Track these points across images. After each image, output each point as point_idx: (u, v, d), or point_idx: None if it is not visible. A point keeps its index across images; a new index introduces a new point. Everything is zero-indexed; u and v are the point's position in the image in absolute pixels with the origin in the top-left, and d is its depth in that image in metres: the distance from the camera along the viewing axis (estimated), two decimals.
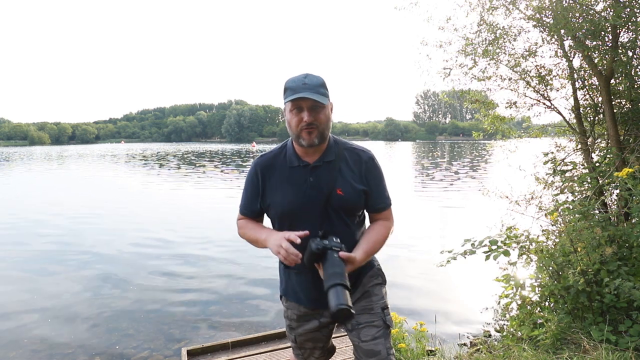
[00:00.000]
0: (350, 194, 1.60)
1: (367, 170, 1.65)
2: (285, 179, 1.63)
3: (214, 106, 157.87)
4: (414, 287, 5.61)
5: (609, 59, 3.57)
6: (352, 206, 1.63)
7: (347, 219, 1.64)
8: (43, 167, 29.76)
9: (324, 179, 1.60)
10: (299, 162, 1.62)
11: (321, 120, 1.55)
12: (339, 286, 1.35)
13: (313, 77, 1.55)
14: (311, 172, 1.61)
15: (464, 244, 3.18)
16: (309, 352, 1.86)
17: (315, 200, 1.58)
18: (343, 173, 1.62)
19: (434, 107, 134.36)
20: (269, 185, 1.65)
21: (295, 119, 1.54)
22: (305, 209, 1.59)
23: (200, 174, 22.02)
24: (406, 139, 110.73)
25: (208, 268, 6.58)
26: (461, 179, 18.40)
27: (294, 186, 1.61)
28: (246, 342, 3.61)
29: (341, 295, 1.33)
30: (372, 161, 1.68)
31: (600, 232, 2.82)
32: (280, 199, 1.62)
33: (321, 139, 1.56)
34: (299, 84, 1.52)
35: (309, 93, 1.49)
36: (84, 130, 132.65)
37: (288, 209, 1.61)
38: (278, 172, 1.65)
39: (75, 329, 4.60)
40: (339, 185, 1.59)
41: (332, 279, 1.38)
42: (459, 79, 4.42)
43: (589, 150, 3.97)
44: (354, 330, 1.70)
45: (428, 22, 4.28)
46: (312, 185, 1.59)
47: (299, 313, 1.77)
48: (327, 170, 1.61)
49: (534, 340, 3.01)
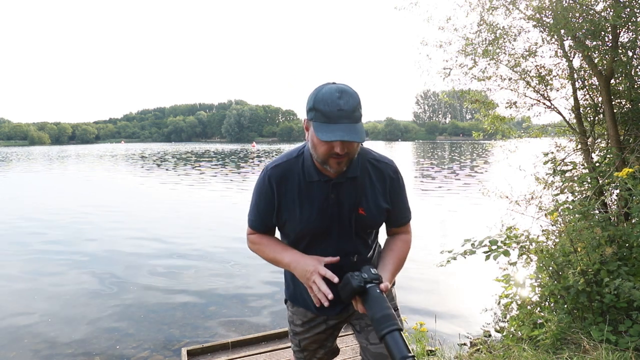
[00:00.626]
0: (372, 214, 1.50)
1: (392, 187, 1.54)
2: (304, 194, 1.47)
3: (214, 106, 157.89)
4: (414, 287, 5.61)
5: (609, 59, 3.57)
6: (374, 225, 1.55)
7: (365, 236, 1.56)
8: (42, 167, 29.75)
9: (347, 197, 1.47)
10: (319, 177, 1.45)
11: (353, 150, 1.36)
12: (395, 332, 1.23)
13: (349, 96, 1.30)
14: (332, 189, 1.45)
15: (464, 244, 3.18)
16: (312, 353, 1.80)
17: (336, 219, 1.47)
18: (366, 191, 1.49)
19: (434, 107, 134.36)
20: (284, 199, 1.49)
21: (324, 147, 1.34)
22: (325, 228, 1.48)
23: (200, 174, 22.02)
24: (406, 139, 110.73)
25: (208, 268, 6.58)
26: (461, 179, 18.40)
27: (314, 203, 1.46)
28: (246, 342, 3.61)
29: (401, 343, 1.20)
30: (396, 176, 1.55)
31: (600, 232, 2.82)
32: (298, 217, 1.47)
33: (349, 164, 1.42)
34: (333, 110, 1.28)
35: (346, 127, 1.28)
36: (84, 130, 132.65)
37: (308, 228, 1.48)
38: (295, 185, 1.48)
39: (75, 329, 4.60)
40: (362, 204, 1.48)
41: (384, 323, 1.24)
42: (459, 79, 4.43)
43: (589, 150, 3.97)
44: (362, 332, 1.64)
45: (428, 22, 4.28)
46: (334, 203, 1.46)
47: (305, 319, 1.70)
48: (350, 187, 1.47)
49: (534, 340, 3.01)
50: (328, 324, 1.71)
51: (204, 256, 7.23)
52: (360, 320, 1.65)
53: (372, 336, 1.61)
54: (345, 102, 1.29)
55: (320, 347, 1.79)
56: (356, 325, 1.68)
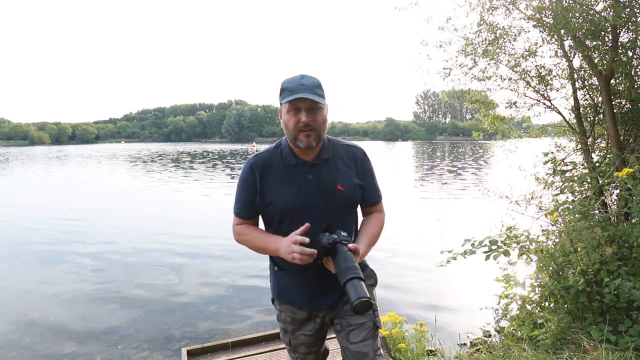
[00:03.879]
0: (350, 189, 1.64)
1: (362, 166, 1.71)
2: (285, 177, 1.62)
3: (214, 106, 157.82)
4: (414, 287, 5.61)
5: (609, 59, 3.57)
6: (352, 200, 1.67)
7: (347, 214, 1.67)
8: (41, 167, 29.73)
9: (324, 176, 1.62)
10: (297, 160, 1.63)
11: (318, 122, 1.56)
12: (355, 279, 1.38)
13: (310, 78, 1.56)
14: (310, 170, 1.62)
15: (464, 244, 3.18)
16: (303, 356, 1.86)
17: (317, 197, 1.60)
18: (341, 169, 1.65)
19: (434, 107, 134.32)
20: (267, 184, 1.63)
21: (292, 120, 1.54)
22: (306, 206, 1.60)
23: (200, 174, 22.02)
24: (406, 139, 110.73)
25: (208, 268, 6.58)
26: (461, 179, 18.40)
27: (294, 184, 1.61)
28: (246, 342, 3.60)
29: (359, 287, 1.36)
30: (365, 157, 1.74)
31: (600, 232, 2.82)
32: (280, 197, 1.61)
33: (318, 140, 1.58)
34: (296, 85, 1.52)
35: (307, 93, 1.50)
36: (84, 130, 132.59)
37: (289, 207, 1.60)
38: (276, 170, 1.63)
39: (76, 329, 4.60)
40: (339, 180, 1.63)
41: (347, 272, 1.39)
42: (459, 79, 4.42)
43: (589, 150, 3.97)
44: (343, 331, 1.70)
45: (428, 22, 4.28)
46: (312, 182, 1.61)
47: (294, 316, 1.76)
48: (325, 167, 1.64)
49: (534, 340, 3.01)
50: (316, 322, 1.75)
51: (204, 256, 7.23)
52: (341, 320, 1.71)
53: (352, 335, 1.67)
54: (306, 80, 1.54)
55: (309, 352, 1.85)
56: (337, 325, 1.73)
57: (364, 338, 1.65)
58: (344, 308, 1.70)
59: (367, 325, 1.67)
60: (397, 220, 9.78)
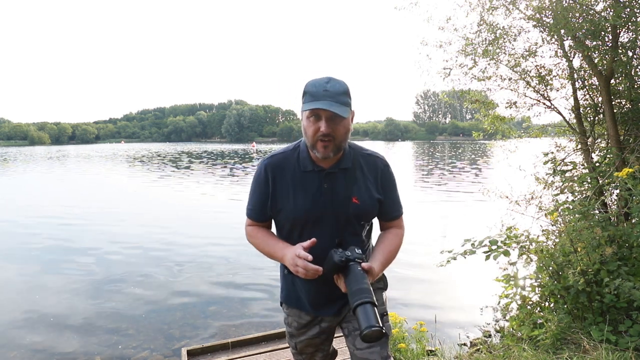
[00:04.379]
0: (366, 203, 1.54)
1: (383, 178, 1.60)
2: (299, 184, 1.53)
3: (214, 106, 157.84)
4: (414, 287, 5.61)
5: (609, 59, 3.57)
6: (367, 215, 1.57)
7: (360, 228, 1.58)
8: (40, 167, 29.74)
9: (340, 186, 1.53)
10: (313, 167, 1.53)
11: (339, 133, 1.45)
12: (367, 304, 1.28)
13: (336, 82, 1.43)
14: (326, 178, 1.52)
15: (464, 244, 3.18)
16: (310, 356, 1.82)
17: (330, 208, 1.51)
18: (359, 181, 1.55)
19: (434, 107, 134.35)
20: (279, 188, 1.55)
21: (312, 128, 1.44)
22: (319, 217, 1.52)
23: (200, 174, 22.02)
24: (406, 139, 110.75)
25: (208, 268, 6.58)
26: (461, 179, 18.39)
27: (307, 192, 1.52)
28: (246, 342, 3.60)
29: (370, 314, 1.26)
30: (387, 169, 1.62)
31: (600, 232, 2.82)
32: (292, 205, 1.53)
33: (337, 151, 1.48)
34: (319, 90, 1.41)
35: (329, 103, 1.38)
36: (84, 130, 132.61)
37: (300, 216, 1.52)
38: (290, 174, 1.54)
39: (76, 328, 4.60)
40: (355, 193, 1.53)
41: (359, 295, 1.30)
42: (459, 79, 4.42)
43: (589, 150, 3.97)
44: (350, 336, 1.65)
45: (428, 22, 4.28)
46: (326, 192, 1.52)
47: (300, 321, 1.72)
48: (342, 177, 1.53)
49: (534, 340, 3.01)
50: (322, 327, 1.72)
51: (204, 256, 7.23)
52: (348, 324, 1.66)
53: (358, 341, 1.60)
54: (332, 86, 1.42)
55: (317, 351, 1.80)
56: (345, 329, 1.68)
57: (371, 344, 1.57)
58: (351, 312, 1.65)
59: None
60: None
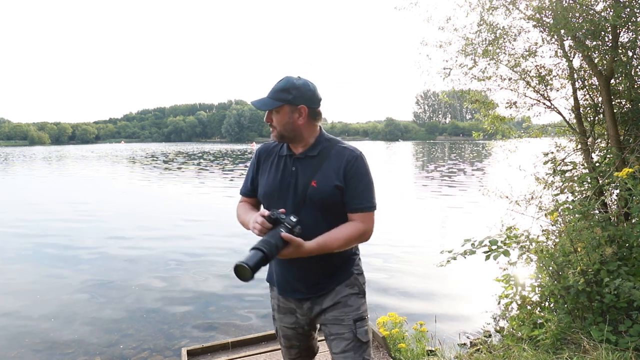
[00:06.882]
0: (323, 187, 1.64)
1: (348, 168, 1.65)
2: (275, 166, 1.75)
3: (214, 106, 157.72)
4: (414, 287, 5.61)
5: (609, 59, 3.57)
6: (325, 199, 1.63)
7: (323, 213, 1.65)
8: (40, 168, 29.74)
9: (304, 170, 1.68)
10: (288, 152, 1.73)
11: (279, 122, 1.65)
12: (257, 250, 1.41)
13: (285, 80, 1.64)
14: (294, 162, 1.70)
15: (464, 244, 3.18)
16: (286, 349, 1.90)
17: (290, 188, 1.67)
18: (322, 167, 1.67)
19: (434, 107, 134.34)
20: (262, 168, 1.79)
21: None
22: (281, 193, 1.68)
23: (200, 174, 22.02)
24: (406, 139, 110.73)
25: (208, 268, 6.58)
26: (461, 179, 18.40)
27: (278, 172, 1.72)
28: (246, 342, 3.61)
29: (251, 256, 1.38)
30: (355, 160, 1.66)
31: (600, 232, 2.82)
32: (264, 181, 1.75)
33: (280, 138, 1.69)
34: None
35: (260, 100, 1.65)
36: (84, 130, 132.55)
37: (267, 191, 1.72)
38: (272, 158, 1.77)
39: (76, 329, 4.60)
40: (315, 177, 1.65)
41: (258, 243, 1.44)
42: (459, 79, 4.42)
43: (589, 150, 3.97)
44: (327, 340, 1.73)
45: (428, 22, 4.28)
46: (293, 174, 1.69)
47: (278, 304, 1.82)
48: (309, 163, 1.69)
49: (534, 340, 3.01)
50: (297, 318, 1.79)
51: (204, 256, 7.23)
52: (325, 327, 1.74)
53: (333, 345, 1.70)
54: (278, 83, 1.64)
55: (291, 347, 1.87)
56: (323, 332, 1.75)
57: (344, 350, 1.65)
58: (326, 316, 1.71)
59: (347, 336, 1.66)
60: (397, 220, 9.78)
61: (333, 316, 1.70)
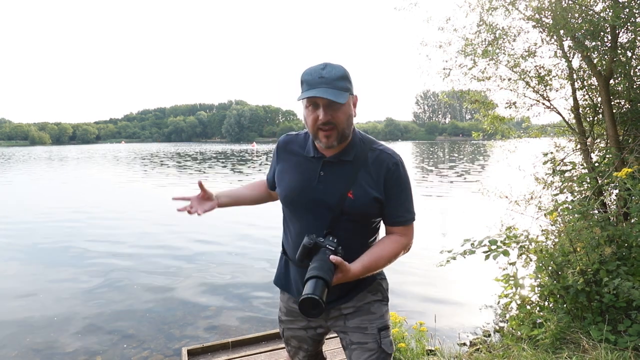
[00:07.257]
0: (361, 199, 1.43)
1: (388, 177, 1.46)
2: (298, 166, 1.52)
3: (214, 106, 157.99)
4: (414, 287, 5.61)
5: (608, 59, 3.58)
6: (364, 212, 1.46)
7: (359, 226, 1.48)
8: (40, 168, 29.76)
9: (336, 178, 1.45)
10: (315, 153, 1.49)
11: (340, 119, 1.38)
12: (318, 279, 1.23)
13: (332, 68, 1.37)
14: (323, 167, 1.47)
15: (464, 243, 3.19)
16: (294, 351, 1.74)
17: (321, 197, 1.45)
18: (358, 176, 1.45)
19: (433, 107, 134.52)
20: (281, 165, 1.58)
21: (311, 117, 1.38)
22: (308, 202, 1.47)
23: (200, 174, 22.02)
24: (406, 139, 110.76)
25: (208, 268, 6.58)
26: (461, 179, 18.40)
27: (302, 175, 1.49)
28: (246, 342, 3.61)
29: (314, 286, 1.21)
30: (396, 167, 1.47)
31: (599, 232, 2.83)
32: (286, 184, 1.52)
33: (340, 139, 1.41)
34: (315, 78, 1.35)
35: (325, 90, 1.33)
36: (84, 130, 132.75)
37: (290, 197, 1.50)
38: (294, 156, 1.55)
39: (76, 329, 4.60)
40: (351, 187, 1.43)
41: (312, 271, 1.26)
42: (458, 79, 4.44)
43: (588, 150, 3.98)
44: (347, 349, 1.57)
45: (428, 22, 4.30)
46: (321, 180, 1.46)
47: (288, 307, 1.66)
48: (341, 169, 1.46)
49: (533, 339, 3.01)
50: (309, 322, 1.63)
51: (204, 256, 7.23)
52: (345, 335, 1.58)
53: (354, 356, 1.53)
54: (328, 72, 1.36)
55: (300, 349, 1.71)
56: (342, 341, 1.60)
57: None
58: (346, 323, 1.56)
59: (371, 346, 1.50)
60: None
61: (355, 324, 1.54)
